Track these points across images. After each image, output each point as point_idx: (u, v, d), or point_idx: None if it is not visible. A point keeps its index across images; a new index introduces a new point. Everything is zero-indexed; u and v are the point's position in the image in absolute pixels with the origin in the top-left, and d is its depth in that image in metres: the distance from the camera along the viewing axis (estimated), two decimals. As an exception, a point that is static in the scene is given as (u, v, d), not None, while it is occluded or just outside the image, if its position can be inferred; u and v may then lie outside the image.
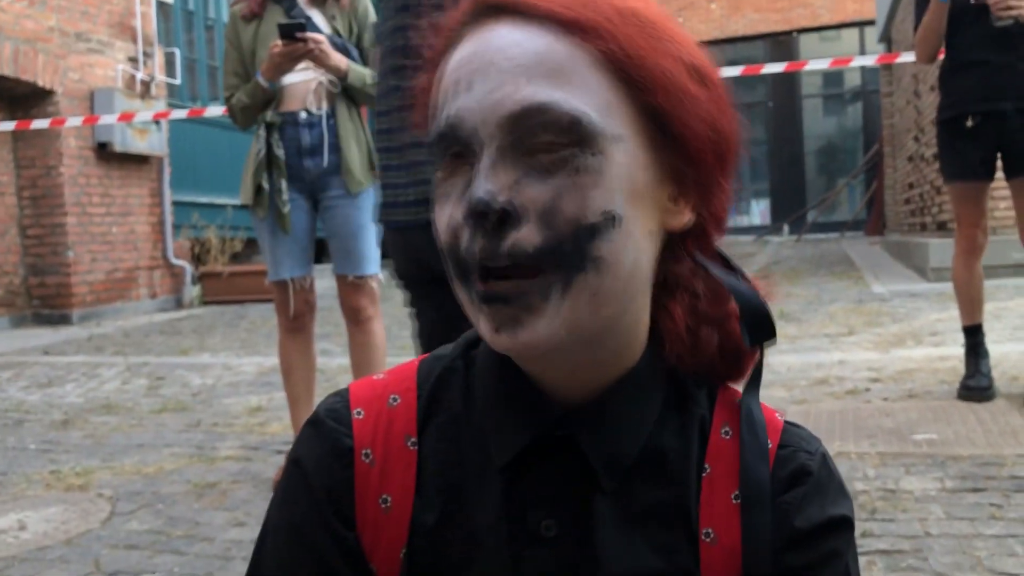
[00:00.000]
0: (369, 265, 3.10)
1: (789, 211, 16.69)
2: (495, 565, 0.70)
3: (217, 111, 5.66)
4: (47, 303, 8.31)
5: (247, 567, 0.76)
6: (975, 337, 3.61)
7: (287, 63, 2.91)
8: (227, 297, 9.34)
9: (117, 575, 2.38)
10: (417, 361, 0.79)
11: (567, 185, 0.62)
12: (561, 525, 0.70)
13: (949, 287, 3.81)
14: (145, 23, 9.11)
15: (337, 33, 3.06)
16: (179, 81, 9.76)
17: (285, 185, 3.01)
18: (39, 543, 2.63)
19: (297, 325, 3.13)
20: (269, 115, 3.00)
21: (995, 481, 2.64)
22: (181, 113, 7.05)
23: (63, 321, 8.17)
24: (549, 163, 0.63)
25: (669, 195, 0.69)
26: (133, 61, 8.97)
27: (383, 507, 0.73)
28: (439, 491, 0.73)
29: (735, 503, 0.71)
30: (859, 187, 16.83)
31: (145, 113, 7.70)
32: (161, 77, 9.32)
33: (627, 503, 0.71)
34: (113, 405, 4.54)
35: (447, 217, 0.66)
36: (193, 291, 9.53)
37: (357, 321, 3.11)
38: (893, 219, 13.32)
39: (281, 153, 3.00)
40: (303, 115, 3.01)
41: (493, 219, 0.62)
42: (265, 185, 3.01)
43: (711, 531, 0.71)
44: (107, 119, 7.38)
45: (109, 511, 2.89)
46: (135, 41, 9.00)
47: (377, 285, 3.14)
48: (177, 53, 9.71)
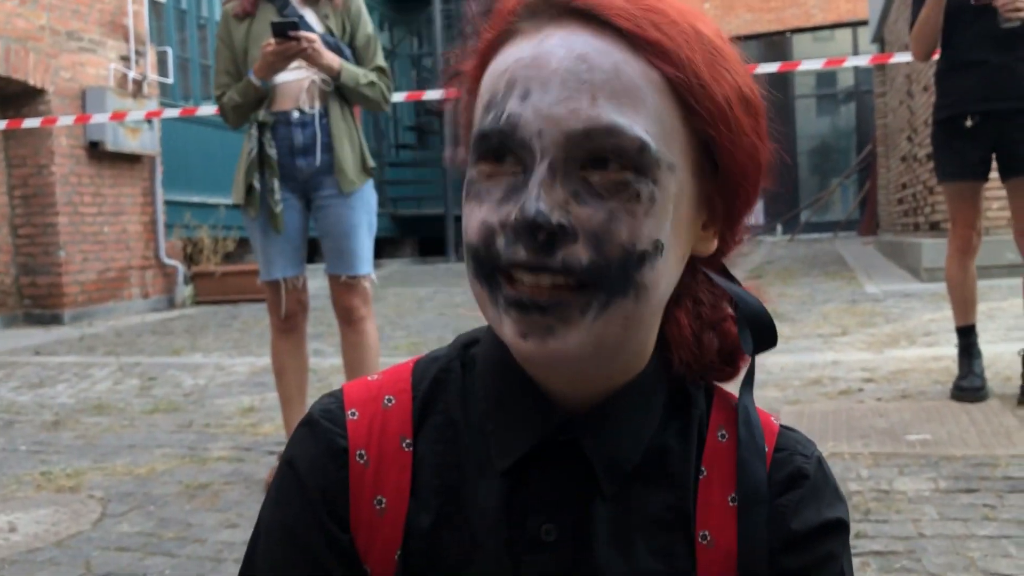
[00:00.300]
0: (362, 265, 3.08)
1: (782, 211, 16.72)
2: (493, 569, 0.70)
3: (209, 110, 5.63)
4: (38, 303, 8.27)
5: (239, 568, 0.75)
6: (968, 337, 3.61)
7: (280, 62, 2.90)
8: (220, 297, 9.31)
9: (108, 577, 2.36)
10: (412, 362, 0.78)
11: (622, 210, 0.61)
12: (561, 530, 0.69)
13: (942, 287, 3.82)
14: (137, 22, 9.07)
15: (330, 32, 3.05)
16: (171, 80, 9.73)
17: (277, 184, 2.99)
18: (29, 545, 2.61)
19: (289, 325, 3.11)
20: (261, 114, 2.98)
21: (988, 482, 2.64)
22: (173, 112, 7.03)
23: (54, 321, 8.14)
24: (605, 185, 0.61)
25: (703, 223, 0.69)
26: (125, 60, 8.93)
27: (378, 509, 0.72)
28: (435, 493, 0.72)
29: (732, 505, 0.71)
30: (852, 187, 16.87)
31: (137, 112, 7.67)
32: (153, 76, 9.29)
33: (627, 507, 0.70)
34: (104, 406, 4.51)
35: (480, 219, 0.64)
36: (185, 291, 9.50)
37: (350, 321, 3.10)
38: (886, 219, 13.35)
39: (273, 152, 2.99)
40: (296, 114, 3.00)
41: (544, 236, 0.60)
42: (257, 185, 2.99)
43: (708, 534, 0.71)
44: (99, 118, 7.35)
45: (100, 512, 2.87)
46: (127, 40, 8.96)
47: (370, 285, 3.13)
48: (169, 52, 9.68)
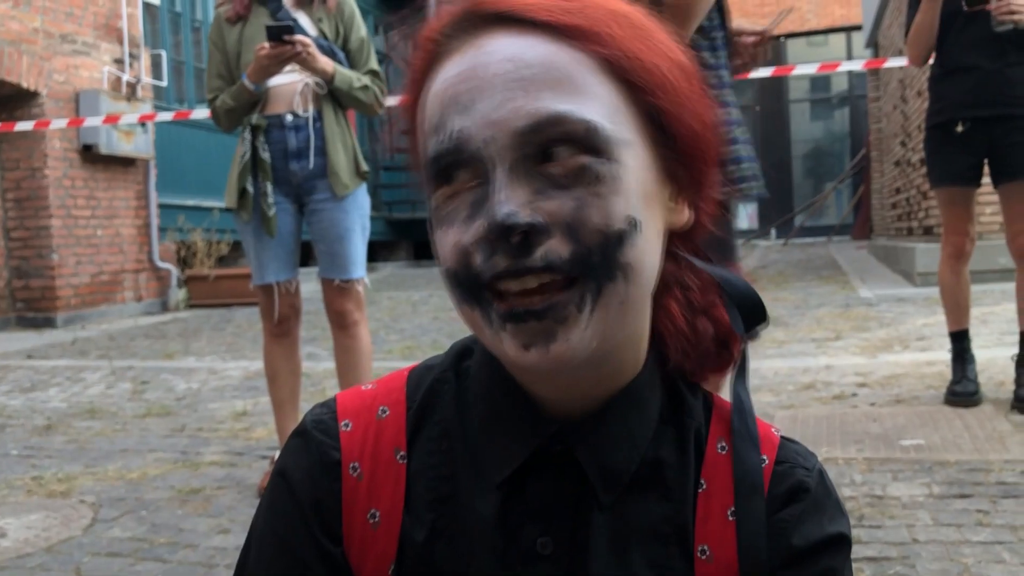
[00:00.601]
0: (355, 269, 3.07)
1: (776, 215, 16.74)
2: None
3: (203, 113, 5.62)
4: (31, 306, 8.24)
5: None
6: (961, 342, 3.62)
7: (274, 65, 2.89)
8: (213, 300, 9.28)
9: (98, 583, 2.35)
10: (407, 371, 0.77)
11: (588, 195, 0.61)
12: (557, 542, 0.69)
13: (936, 292, 3.81)
14: (131, 25, 9.05)
15: (323, 35, 3.04)
16: (165, 83, 9.71)
17: (271, 188, 2.98)
18: (20, 551, 2.59)
19: (282, 330, 3.10)
20: (255, 118, 2.97)
21: (982, 487, 2.64)
22: (167, 115, 7.01)
23: (47, 324, 8.10)
24: (565, 174, 0.61)
25: (669, 194, 0.68)
26: (119, 63, 8.91)
27: (371, 522, 0.71)
28: (430, 506, 0.71)
29: (731, 520, 0.70)
30: (846, 191, 16.89)
31: (131, 115, 7.65)
32: (147, 79, 9.27)
33: (623, 519, 0.69)
34: (97, 410, 4.50)
35: (452, 242, 0.63)
36: (179, 294, 9.48)
37: (343, 326, 3.09)
38: (880, 223, 13.38)
39: (267, 156, 2.97)
40: (289, 118, 2.99)
41: (518, 237, 0.60)
42: (250, 188, 2.99)
43: (707, 548, 0.70)
44: (92, 121, 7.33)
45: (91, 518, 2.86)
46: (121, 43, 8.94)
47: (363, 289, 3.12)
48: (163, 55, 9.66)
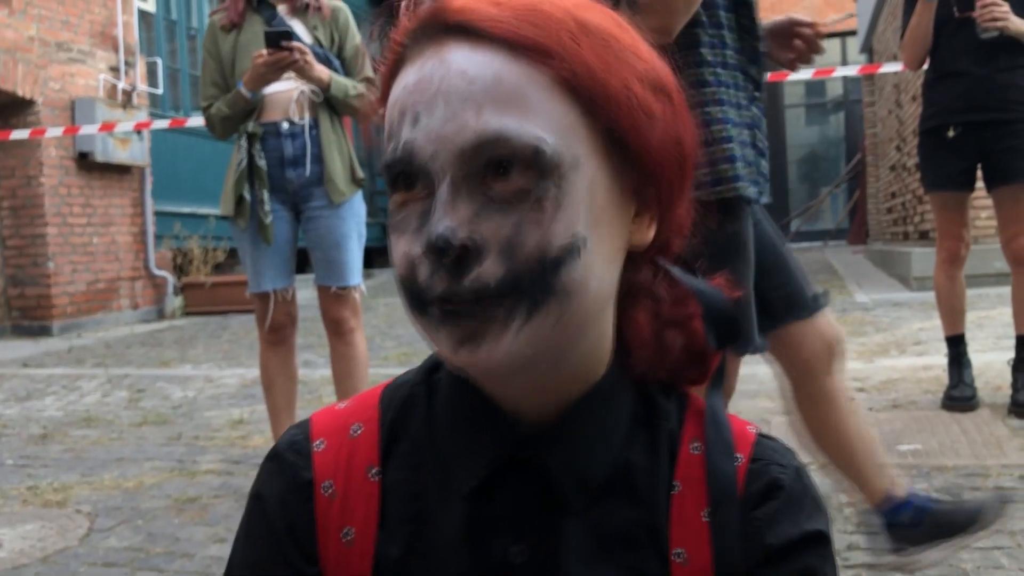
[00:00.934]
0: (352, 276, 3.07)
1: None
2: None
3: (199, 121, 5.62)
4: (27, 314, 8.22)
5: None
6: (957, 347, 3.62)
7: (272, 73, 2.88)
8: (209, 308, 9.27)
9: (94, 593, 2.35)
10: (381, 387, 0.77)
11: (528, 217, 0.60)
12: (530, 550, 0.68)
13: (932, 296, 3.82)
14: (127, 32, 9.05)
15: (319, 43, 3.04)
16: (161, 91, 9.71)
17: (267, 196, 2.98)
18: (15, 561, 2.58)
19: (278, 337, 3.10)
20: (251, 126, 2.97)
21: (980, 492, 2.63)
22: (163, 123, 7.01)
23: (43, 333, 8.08)
24: (508, 194, 0.60)
25: (632, 213, 0.67)
26: (115, 71, 8.91)
27: (345, 540, 0.71)
28: (403, 522, 0.70)
29: (705, 521, 0.69)
30: (842, 196, 16.92)
31: (126, 124, 7.64)
32: (143, 87, 9.27)
33: (596, 525, 0.68)
34: (93, 418, 4.48)
35: (403, 251, 0.63)
36: (175, 302, 9.46)
37: (339, 333, 3.09)
38: (876, 228, 13.40)
39: (263, 163, 2.97)
40: (285, 125, 2.99)
41: (453, 256, 0.60)
42: (247, 196, 2.98)
43: (682, 551, 0.69)
44: (88, 129, 7.32)
45: (87, 527, 2.85)
46: (116, 50, 8.94)
47: (359, 296, 3.12)
48: (159, 62, 9.66)
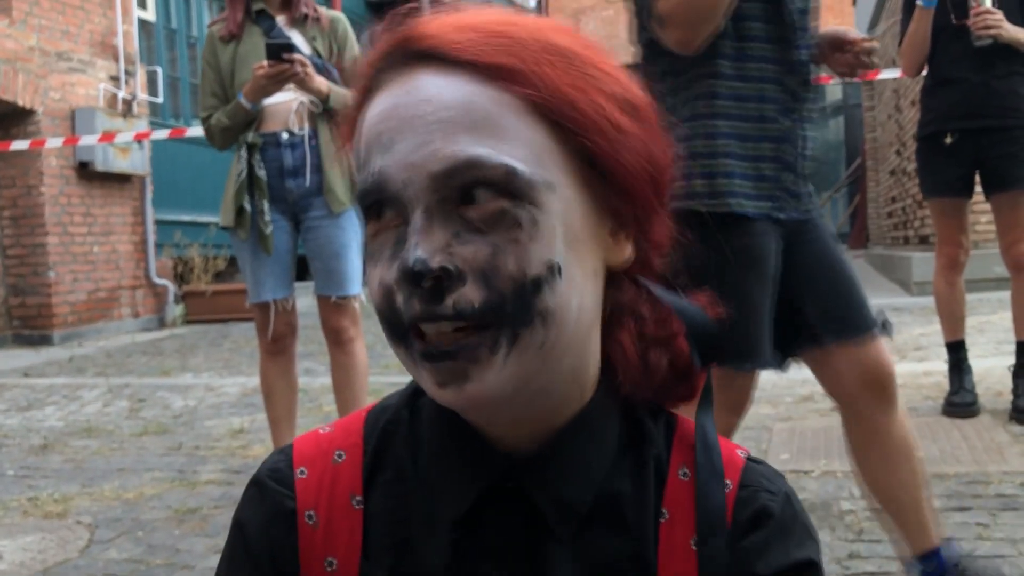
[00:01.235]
0: (351, 285, 3.07)
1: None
2: None
3: (199, 130, 5.62)
4: (28, 324, 8.22)
5: None
6: (958, 353, 3.62)
7: (272, 85, 2.88)
8: (210, 316, 9.27)
9: (95, 606, 2.34)
10: (365, 411, 0.76)
11: (504, 241, 0.60)
12: None
13: (932, 301, 3.81)
14: (127, 42, 9.06)
15: (317, 54, 3.04)
16: (161, 99, 9.72)
17: (267, 206, 2.98)
18: (16, 573, 2.58)
19: (279, 347, 3.10)
20: (250, 136, 2.98)
21: (981, 499, 2.63)
22: (163, 134, 7.00)
23: (44, 342, 8.08)
24: (483, 219, 0.60)
25: (609, 232, 0.67)
26: (115, 80, 8.92)
27: (329, 570, 0.70)
28: (387, 550, 0.70)
29: (694, 550, 0.68)
30: (842, 200, 16.92)
31: (126, 134, 7.65)
32: (143, 96, 9.28)
33: (583, 554, 0.67)
34: (94, 428, 4.48)
35: (378, 279, 0.63)
36: (176, 310, 9.46)
37: (339, 342, 3.09)
38: (876, 232, 13.39)
39: (263, 174, 2.97)
40: (285, 136, 2.99)
41: (429, 283, 0.59)
42: (247, 206, 2.99)
43: None
44: (87, 139, 7.32)
45: (88, 539, 2.84)
46: (117, 60, 8.95)
47: (359, 305, 3.12)
48: (159, 71, 9.67)
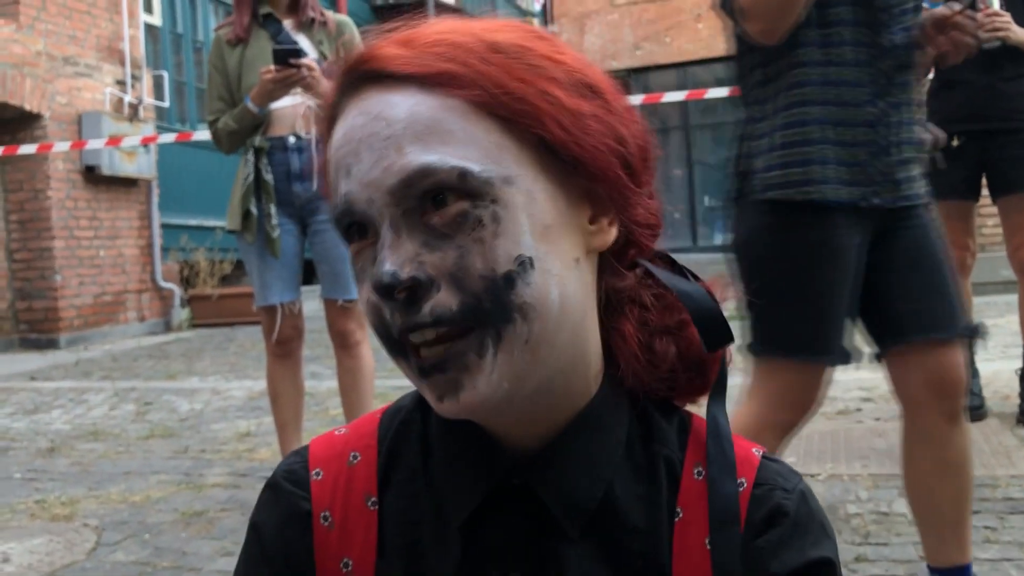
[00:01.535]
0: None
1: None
2: None
3: (205, 134, 5.63)
4: (34, 328, 8.24)
5: None
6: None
7: (279, 90, 2.89)
8: (216, 320, 9.28)
9: (102, 608, 2.34)
10: (380, 412, 0.77)
11: (469, 242, 0.61)
12: None
13: (939, 306, 3.80)
14: (133, 46, 9.09)
15: (324, 57, 3.05)
16: (167, 103, 9.75)
17: (274, 210, 2.99)
18: (23, 576, 2.59)
19: (285, 350, 3.10)
20: (257, 140, 2.98)
21: (989, 503, 2.62)
22: (169, 138, 7.01)
23: (51, 346, 8.10)
24: (447, 224, 0.61)
25: (588, 217, 0.66)
26: (121, 84, 8.95)
27: (344, 571, 0.71)
28: (401, 551, 0.70)
29: (708, 549, 0.68)
30: (847, 204, 16.89)
31: (133, 138, 7.67)
32: (149, 100, 9.31)
33: (595, 552, 0.67)
34: (100, 431, 4.49)
35: (365, 298, 0.65)
36: (182, 314, 9.48)
37: (345, 345, 3.09)
38: (882, 236, 13.35)
39: (270, 178, 2.98)
40: (292, 139, 3.00)
41: (403, 294, 0.61)
42: (254, 210, 2.99)
43: None
44: (94, 143, 7.34)
45: (95, 542, 2.85)
46: (123, 64, 8.98)
47: (366, 309, 3.12)
48: (165, 76, 9.70)
